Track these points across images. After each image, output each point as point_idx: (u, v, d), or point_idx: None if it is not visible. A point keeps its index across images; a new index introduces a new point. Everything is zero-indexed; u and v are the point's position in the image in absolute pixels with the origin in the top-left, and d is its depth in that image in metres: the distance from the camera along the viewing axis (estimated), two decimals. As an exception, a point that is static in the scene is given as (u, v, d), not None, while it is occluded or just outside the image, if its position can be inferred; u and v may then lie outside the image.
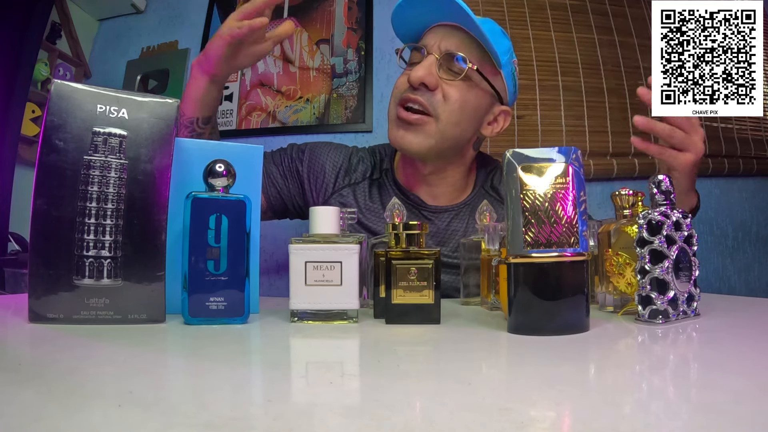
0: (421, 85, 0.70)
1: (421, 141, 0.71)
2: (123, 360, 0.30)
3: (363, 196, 0.80)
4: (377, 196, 0.81)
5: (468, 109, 0.72)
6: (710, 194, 1.56)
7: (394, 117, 0.73)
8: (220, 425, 0.19)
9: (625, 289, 0.46)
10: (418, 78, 0.69)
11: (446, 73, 0.71)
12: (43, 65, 1.61)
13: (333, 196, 0.81)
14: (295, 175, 0.83)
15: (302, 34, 1.72)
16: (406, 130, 0.72)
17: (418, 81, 0.69)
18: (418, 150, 0.72)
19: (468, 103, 0.72)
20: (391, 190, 0.80)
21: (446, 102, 0.70)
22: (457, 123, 0.72)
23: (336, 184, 0.81)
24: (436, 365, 0.31)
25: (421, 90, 0.70)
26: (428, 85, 0.70)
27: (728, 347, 0.34)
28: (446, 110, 0.70)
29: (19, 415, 0.20)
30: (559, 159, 0.40)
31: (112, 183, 0.41)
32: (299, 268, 0.44)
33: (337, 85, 1.67)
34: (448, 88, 0.71)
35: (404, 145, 0.72)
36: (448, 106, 0.70)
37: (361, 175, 0.82)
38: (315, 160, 0.83)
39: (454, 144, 0.74)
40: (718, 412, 0.21)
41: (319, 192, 0.82)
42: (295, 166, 0.83)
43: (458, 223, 0.79)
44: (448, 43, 0.71)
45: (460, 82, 0.71)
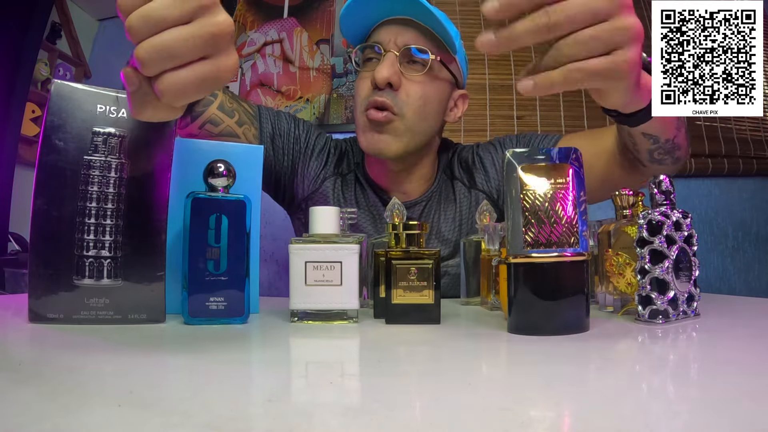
0: (387, 84, 0.68)
1: (393, 142, 0.69)
2: (123, 360, 0.30)
3: (337, 192, 0.78)
4: (351, 193, 0.79)
5: (432, 102, 0.72)
6: (710, 194, 1.56)
7: (364, 123, 0.71)
8: (220, 425, 0.19)
9: (625, 289, 0.46)
10: (384, 78, 0.67)
11: (406, 69, 0.69)
12: (43, 65, 1.61)
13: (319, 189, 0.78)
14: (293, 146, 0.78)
15: (302, 34, 1.72)
16: (379, 132, 0.70)
17: (384, 81, 0.67)
18: (395, 153, 0.70)
19: (431, 96, 0.71)
20: (366, 187, 0.79)
21: (409, 98, 0.69)
22: (423, 118, 0.71)
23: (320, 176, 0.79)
24: (436, 365, 0.31)
25: (386, 90, 0.68)
26: (393, 84, 0.68)
27: (728, 347, 0.34)
28: (411, 107, 0.69)
29: (19, 415, 0.20)
30: (559, 159, 0.40)
31: (112, 183, 0.41)
32: (299, 268, 0.44)
33: (337, 85, 1.68)
34: (410, 84, 0.69)
35: (379, 148, 0.70)
36: (413, 102, 0.69)
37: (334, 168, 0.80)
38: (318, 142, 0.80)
39: (424, 138, 0.73)
40: (718, 412, 0.21)
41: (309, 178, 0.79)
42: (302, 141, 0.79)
43: (432, 214, 0.78)
44: (405, 38, 0.69)
45: (421, 77, 0.70)
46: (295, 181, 0.79)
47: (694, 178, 1.55)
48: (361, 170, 0.80)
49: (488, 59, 1.60)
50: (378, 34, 0.71)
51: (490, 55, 1.57)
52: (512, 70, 1.60)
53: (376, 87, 0.69)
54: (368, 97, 0.70)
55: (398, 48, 0.69)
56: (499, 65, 1.58)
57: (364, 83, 0.71)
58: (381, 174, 0.78)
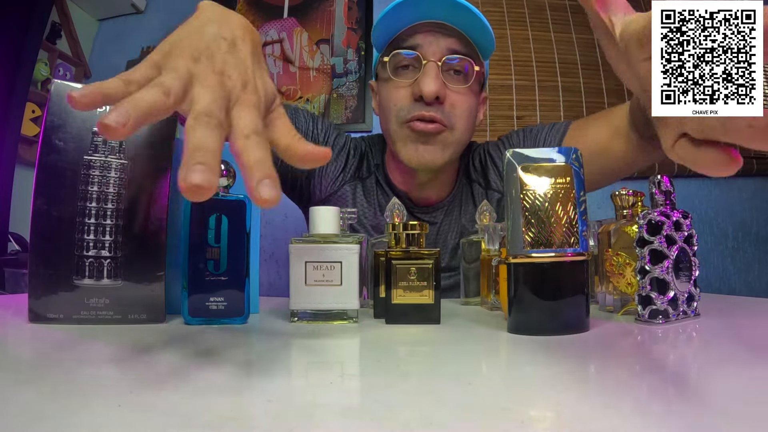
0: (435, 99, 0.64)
1: (441, 154, 0.67)
2: (123, 360, 0.30)
3: (359, 197, 0.77)
4: (374, 198, 0.77)
5: (473, 112, 0.71)
6: (710, 194, 1.56)
7: (406, 135, 0.67)
8: (220, 425, 0.19)
9: (625, 289, 0.46)
10: (433, 93, 0.63)
11: (449, 80, 0.67)
12: (43, 65, 1.61)
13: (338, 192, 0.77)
14: None
15: (302, 34, 1.72)
16: (425, 144, 0.67)
17: (433, 96, 0.64)
18: (442, 164, 0.68)
19: (473, 107, 0.70)
20: (389, 192, 0.77)
21: (456, 110, 0.67)
22: (467, 129, 0.70)
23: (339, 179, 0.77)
24: (436, 365, 0.31)
25: (434, 105, 0.65)
26: (440, 97, 0.65)
27: (728, 347, 0.34)
28: (459, 119, 0.67)
29: (19, 415, 0.20)
30: (559, 159, 0.40)
31: (112, 183, 0.41)
32: (299, 268, 0.44)
33: (337, 85, 1.68)
34: (455, 95, 0.67)
35: (426, 160, 0.67)
36: (460, 114, 0.67)
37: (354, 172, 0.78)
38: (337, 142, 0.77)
39: (464, 147, 0.73)
40: (718, 412, 0.21)
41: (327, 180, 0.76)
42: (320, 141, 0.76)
43: (453, 217, 0.77)
44: (443, 45, 0.66)
45: (464, 88, 0.67)
46: (312, 182, 0.77)
47: (694, 178, 1.55)
48: (382, 173, 0.78)
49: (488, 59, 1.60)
50: (412, 38, 0.67)
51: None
52: (512, 71, 1.60)
53: (419, 99, 0.65)
54: (407, 108, 0.67)
55: (438, 56, 0.66)
56: (499, 65, 1.58)
57: (400, 93, 0.68)
58: (407, 180, 0.75)
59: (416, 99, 0.66)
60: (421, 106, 0.66)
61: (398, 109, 0.68)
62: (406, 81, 0.68)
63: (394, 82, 0.69)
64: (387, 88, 0.71)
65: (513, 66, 1.60)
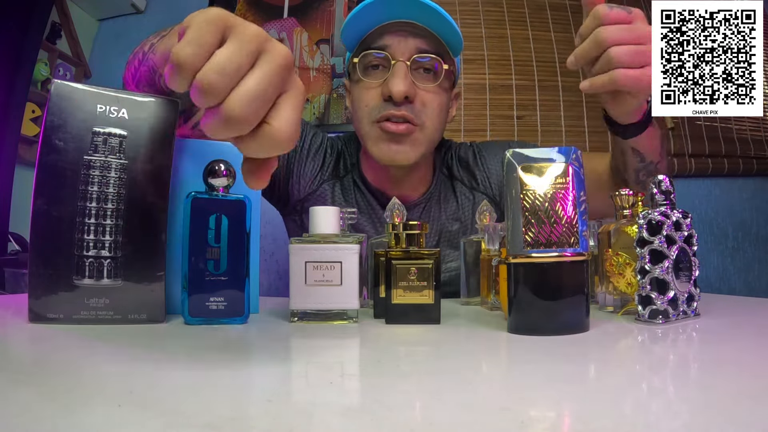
0: (404, 98, 0.65)
1: (412, 152, 0.68)
2: (123, 360, 0.30)
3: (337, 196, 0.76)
4: (351, 197, 0.77)
5: (444, 109, 0.71)
6: (710, 194, 1.56)
7: (377, 134, 0.68)
8: (220, 425, 0.19)
9: (625, 289, 0.46)
10: (402, 93, 0.64)
11: (418, 79, 0.67)
12: (43, 65, 1.61)
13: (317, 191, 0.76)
14: None
15: (302, 34, 1.72)
16: (397, 143, 0.67)
17: (402, 96, 0.64)
18: (414, 161, 0.69)
19: (444, 104, 0.70)
20: (365, 191, 0.77)
21: (426, 109, 0.67)
22: (438, 127, 0.70)
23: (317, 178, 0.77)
24: (436, 365, 0.31)
25: (404, 104, 0.66)
26: (410, 97, 0.65)
27: (728, 347, 0.34)
28: (429, 117, 0.68)
29: (19, 415, 0.20)
30: (559, 159, 0.40)
31: (112, 183, 0.41)
32: (299, 268, 0.44)
33: (337, 85, 1.68)
34: (424, 94, 0.67)
35: (398, 159, 0.68)
36: (430, 112, 0.68)
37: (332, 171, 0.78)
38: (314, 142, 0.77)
39: (435, 144, 0.73)
40: (718, 412, 0.21)
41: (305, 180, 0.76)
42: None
43: (432, 215, 0.77)
44: (412, 45, 0.66)
45: (434, 86, 0.68)
46: (290, 181, 0.77)
47: (694, 178, 1.55)
48: (357, 172, 0.78)
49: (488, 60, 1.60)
50: (381, 39, 0.68)
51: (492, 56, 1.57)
52: (512, 71, 1.60)
53: (389, 99, 0.66)
54: (377, 108, 0.67)
55: (407, 56, 0.66)
56: (499, 65, 1.58)
57: (370, 93, 0.68)
58: (381, 178, 0.76)
59: (386, 99, 0.67)
60: (390, 106, 0.66)
61: (369, 109, 0.68)
62: (376, 81, 0.68)
63: (364, 83, 0.70)
64: (358, 89, 0.71)
65: (513, 66, 1.60)
